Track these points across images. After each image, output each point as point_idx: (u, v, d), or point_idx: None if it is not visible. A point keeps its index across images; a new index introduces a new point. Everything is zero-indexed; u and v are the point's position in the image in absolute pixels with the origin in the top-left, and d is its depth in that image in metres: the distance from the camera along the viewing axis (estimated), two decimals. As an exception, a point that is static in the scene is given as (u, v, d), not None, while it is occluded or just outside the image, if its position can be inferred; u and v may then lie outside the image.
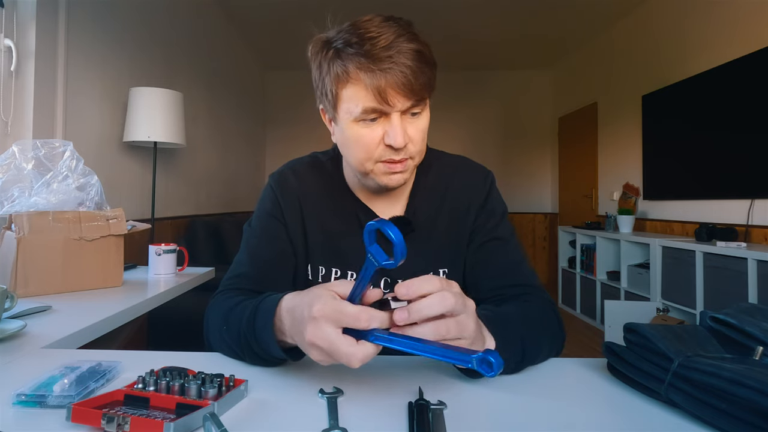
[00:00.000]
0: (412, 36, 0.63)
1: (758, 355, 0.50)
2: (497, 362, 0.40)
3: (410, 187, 0.80)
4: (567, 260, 4.39)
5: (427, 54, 0.64)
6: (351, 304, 0.46)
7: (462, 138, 5.53)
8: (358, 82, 0.63)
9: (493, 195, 0.81)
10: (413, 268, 0.75)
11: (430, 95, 0.69)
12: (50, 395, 0.48)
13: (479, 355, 0.41)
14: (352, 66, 0.63)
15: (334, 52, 0.64)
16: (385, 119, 0.65)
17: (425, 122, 0.69)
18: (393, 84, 0.61)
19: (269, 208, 0.80)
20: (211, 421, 0.41)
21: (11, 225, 1.12)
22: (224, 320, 0.63)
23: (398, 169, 0.68)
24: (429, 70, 0.64)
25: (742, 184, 2.68)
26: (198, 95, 3.40)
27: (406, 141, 0.65)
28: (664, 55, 3.46)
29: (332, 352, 0.45)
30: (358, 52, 0.62)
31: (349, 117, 0.66)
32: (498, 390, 0.55)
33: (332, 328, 0.45)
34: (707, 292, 2.55)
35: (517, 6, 3.78)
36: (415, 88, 0.62)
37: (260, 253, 0.77)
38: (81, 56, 2.09)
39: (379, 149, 0.67)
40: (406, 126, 0.66)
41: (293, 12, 3.86)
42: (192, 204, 3.32)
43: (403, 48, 0.62)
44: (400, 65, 0.61)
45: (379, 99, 0.62)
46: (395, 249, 0.42)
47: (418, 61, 0.62)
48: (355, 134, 0.67)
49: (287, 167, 0.83)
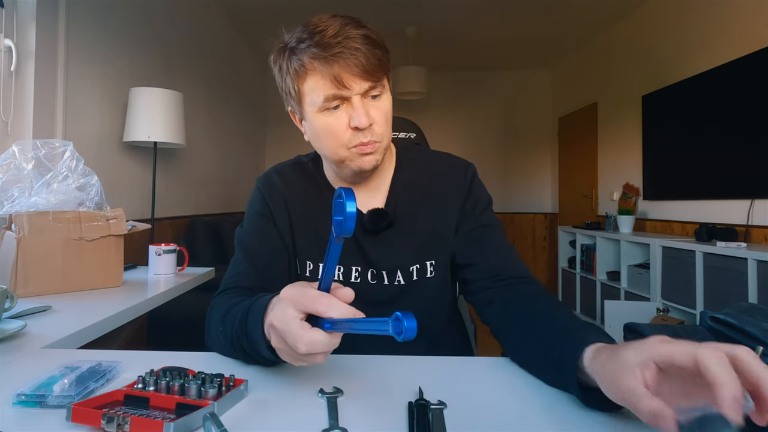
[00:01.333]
0: (357, 24, 0.67)
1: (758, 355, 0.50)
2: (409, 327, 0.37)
3: (389, 181, 0.82)
4: (567, 260, 4.39)
5: (375, 38, 0.67)
6: (316, 290, 0.46)
7: (462, 138, 5.53)
8: (315, 73, 0.67)
9: (476, 185, 0.83)
10: (398, 260, 0.78)
11: (388, 78, 0.72)
12: (50, 395, 0.48)
13: (395, 315, 0.39)
14: (306, 58, 0.67)
15: (289, 51, 0.69)
16: (348, 104, 0.68)
17: (387, 104, 0.72)
18: (346, 67, 0.65)
19: (259, 208, 0.82)
20: (211, 421, 0.41)
21: (11, 225, 1.12)
22: (221, 321, 0.64)
23: (368, 150, 0.71)
24: (380, 53, 0.67)
25: (742, 184, 2.68)
26: (198, 95, 3.40)
27: (370, 121, 0.68)
28: (664, 55, 3.46)
29: (284, 333, 0.45)
30: (309, 45, 0.66)
31: (314, 108, 0.70)
32: (498, 390, 0.55)
33: (292, 311, 0.46)
34: (707, 292, 2.54)
35: (517, 6, 3.78)
36: (368, 69, 0.65)
37: (256, 251, 0.79)
38: (81, 56, 2.09)
39: (347, 134, 0.69)
40: (368, 108, 0.68)
41: (293, 12, 3.85)
42: (192, 204, 3.32)
43: (351, 33, 0.65)
44: (350, 48, 0.64)
45: (336, 84, 0.66)
46: (345, 216, 0.42)
47: (367, 44, 0.65)
48: (322, 124, 0.70)
49: (272, 170, 0.87)
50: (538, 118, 5.57)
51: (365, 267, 0.79)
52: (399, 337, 0.38)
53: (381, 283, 0.80)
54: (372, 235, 0.78)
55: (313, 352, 0.45)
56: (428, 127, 4.92)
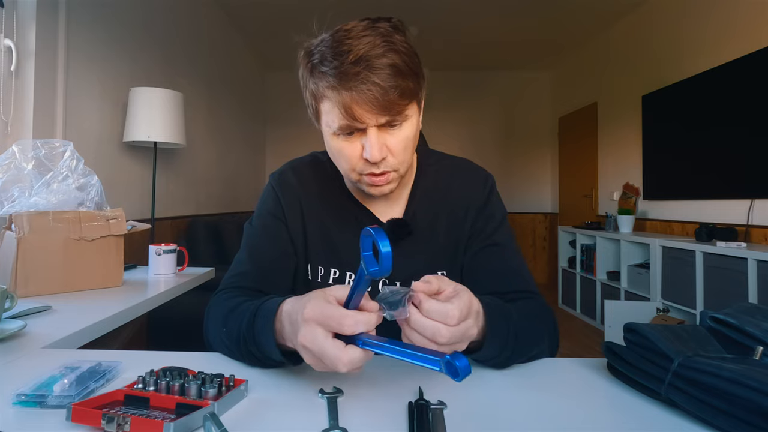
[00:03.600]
0: (387, 47, 0.61)
1: (758, 355, 0.50)
2: (462, 367, 0.38)
3: (409, 189, 0.80)
4: (567, 260, 4.39)
5: (403, 66, 0.62)
6: (340, 308, 0.46)
7: (462, 138, 5.53)
8: (330, 101, 0.63)
9: (492, 198, 0.81)
10: (412, 269, 0.75)
11: (419, 102, 0.68)
12: (50, 395, 0.48)
13: (446, 358, 0.39)
14: (322, 85, 0.63)
15: (311, 67, 0.65)
16: (363, 134, 0.64)
17: (408, 132, 0.67)
18: (360, 102, 0.60)
19: (270, 207, 0.80)
20: (211, 421, 0.41)
21: (11, 225, 1.12)
22: (224, 321, 0.63)
23: (379, 182, 0.68)
24: (405, 82, 0.62)
25: (742, 184, 2.68)
26: (198, 95, 3.40)
27: (383, 155, 0.65)
28: (663, 55, 3.46)
29: (320, 355, 0.45)
30: (327, 71, 0.61)
31: (329, 130, 0.67)
32: (498, 390, 0.55)
33: (321, 331, 0.45)
34: (707, 292, 2.54)
35: (517, 6, 3.78)
36: (384, 105, 0.61)
37: (261, 251, 0.77)
38: (81, 56, 2.09)
39: (359, 163, 0.66)
40: (385, 139, 0.65)
41: (293, 12, 3.85)
42: (192, 204, 3.31)
43: (374, 63, 0.60)
44: (367, 83, 0.59)
45: (349, 117, 0.62)
46: (381, 258, 0.42)
47: (389, 76, 0.60)
48: (337, 147, 0.67)
49: (288, 166, 0.83)
50: (538, 118, 5.57)
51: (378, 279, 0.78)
52: (457, 378, 0.39)
53: None
54: None
55: (354, 371, 0.45)
56: (428, 127, 4.91)
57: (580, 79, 4.83)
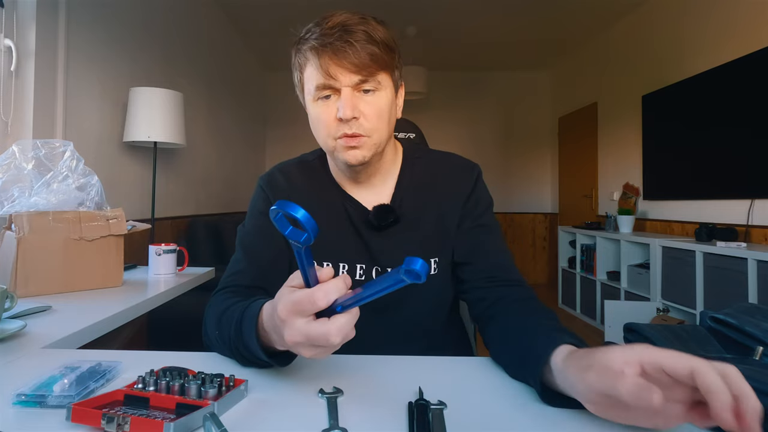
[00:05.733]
0: (362, 20, 0.68)
1: (758, 355, 0.50)
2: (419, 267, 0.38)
3: (395, 179, 0.82)
4: (567, 260, 4.39)
5: (376, 35, 0.68)
6: (305, 290, 0.45)
7: (462, 138, 5.53)
8: (311, 63, 0.69)
9: (479, 186, 0.84)
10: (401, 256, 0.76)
11: (391, 75, 0.72)
12: (50, 395, 0.48)
13: (402, 269, 0.38)
14: (305, 48, 0.70)
15: (297, 42, 0.72)
16: (338, 96, 0.69)
17: (382, 101, 0.71)
18: (335, 59, 0.66)
19: (261, 207, 0.82)
20: (211, 421, 0.41)
21: (11, 225, 1.12)
22: (218, 322, 0.64)
23: (353, 144, 0.71)
24: (376, 49, 0.67)
25: (742, 184, 2.68)
26: (198, 95, 3.40)
27: (355, 114, 0.68)
28: (663, 55, 3.46)
29: (311, 340, 0.45)
30: (310, 36, 0.69)
31: (310, 97, 0.72)
32: (498, 390, 0.55)
33: (302, 320, 0.45)
34: (707, 292, 2.54)
35: (517, 6, 3.78)
36: (357, 63, 0.66)
37: (256, 250, 0.78)
38: (81, 56, 2.09)
39: (334, 125, 0.70)
40: (357, 102, 0.69)
41: (293, 12, 3.85)
42: (192, 204, 3.32)
43: (351, 28, 0.66)
44: (342, 41, 0.66)
45: (325, 75, 0.67)
46: (303, 224, 0.41)
47: (362, 40, 0.66)
48: (315, 113, 0.72)
49: (275, 169, 0.86)
50: (538, 118, 5.57)
51: (370, 264, 0.80)
52: (421, 279, 0.38)
53: None
54: (377, 231, 0.79)
55: (348, 336, 0.45)
56: (428, 127, 4.93)
57: (580, 79, 4.83)
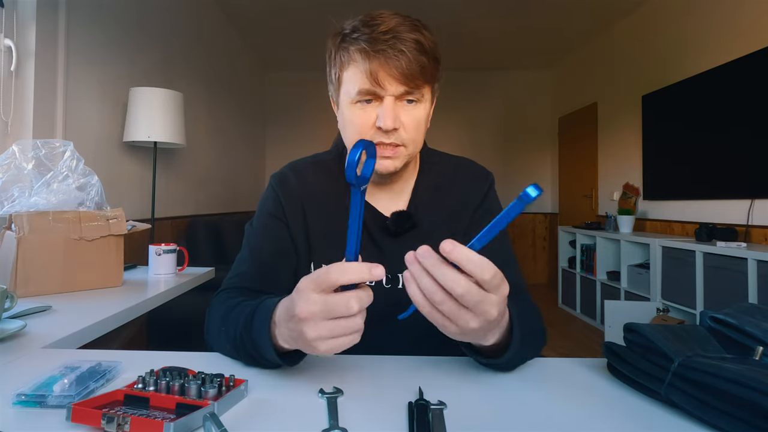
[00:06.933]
0: (414, 27, 0.67)
1: (758, 355, 0.50)
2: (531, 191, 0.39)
3: (412, 185, 0.82)
4: (567, 260, 4.39)
5: (427, 45, 0.67)
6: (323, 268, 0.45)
7: (462, 138, 5.53)
8: (356, 65, 0.67)
9: (491, 195, 0.83)
10: None
11: (432, 87, 0.71)
12: (50, 395, 0.48)
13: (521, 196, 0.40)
14: (353, 49, 0.67)
15: (341, 38, 0.69)
16: (379, 103, 0.68)
17: (422, 113, 0.70)
18: (386, 67, 0.65)
19: (271, 207, 0.80)
20: (211, 421, 0.41)
21: (11, 225, 1.12)
22: (223, 321, 0.64)
23: (388, 154, 0.70)
24: (427, 61, 0.66)
25: (742, 184, 2.68)
26: (198, 95, 3.40)
27: (396, 125, 0.67)
28: (664, 55, 3.46)
29: (329, 306, 0.44)
30: (360, 36, 0.66)
31: (348, 99, 0.70)
32: (498, 390, 0.55)
33: (315, 294, 0.45)
34: (707, 292, 2.54)
35: (517, 6, 3.78)
36: (407, 74, 0.65)
37: (262, 252, 0.77)
38: (81, 56, 2.09)
39: (371, 132, 0.69)
40: (399, 112, 0.68)
41: (293, 13, 3.86)
42: (192, 204, 3.32)
43: (402, 36, 0.65)
44: (395, 50, 0.64)
45: (372, 81, 0.65)
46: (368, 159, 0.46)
47: (414, 50, 0.65)
48: (351, 115, 0.70)
49: (288, 168, 0.84)
50: (538, 118, 5.57)
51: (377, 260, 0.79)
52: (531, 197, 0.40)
53: (395, 287, 0.78)
54: (393, 237, 0.77)
55: (365, 303, 0.45)
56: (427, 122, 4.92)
57: (580, 79, 4.83)
